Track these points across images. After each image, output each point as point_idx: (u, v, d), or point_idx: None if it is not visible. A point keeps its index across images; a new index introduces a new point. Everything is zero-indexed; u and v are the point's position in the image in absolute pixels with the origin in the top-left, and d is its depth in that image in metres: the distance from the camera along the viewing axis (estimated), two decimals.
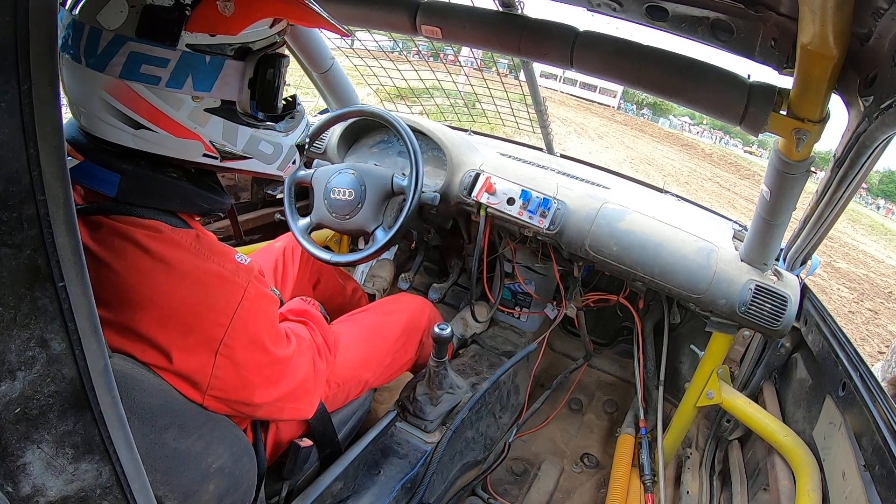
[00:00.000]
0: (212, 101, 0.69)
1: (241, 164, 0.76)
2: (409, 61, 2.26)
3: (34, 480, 0.45)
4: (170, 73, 0.64)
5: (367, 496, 1.11)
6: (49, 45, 0.38)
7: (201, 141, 0.70)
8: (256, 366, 0.77)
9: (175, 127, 0.67)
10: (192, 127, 0.68)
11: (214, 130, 0.70)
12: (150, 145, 0.68)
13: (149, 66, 0.63)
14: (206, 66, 0.66)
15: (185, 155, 0.70)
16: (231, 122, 0.71)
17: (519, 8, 1.13)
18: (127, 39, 0.62)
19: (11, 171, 0.38)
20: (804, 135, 0.88)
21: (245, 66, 0.70)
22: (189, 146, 0.70)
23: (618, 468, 1.50)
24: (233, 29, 0.67)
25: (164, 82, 0.64)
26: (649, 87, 1.00)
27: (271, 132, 0.77)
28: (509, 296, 1.97)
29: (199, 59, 0.66)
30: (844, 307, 6.40)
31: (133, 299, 0.66)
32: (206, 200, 0.76)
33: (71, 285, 0.43)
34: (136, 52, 0.62)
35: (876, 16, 0.68)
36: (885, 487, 0.85)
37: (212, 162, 0.73)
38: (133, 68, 0.63)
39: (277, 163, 0.80)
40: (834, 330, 1.18)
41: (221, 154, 0.73)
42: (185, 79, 0.65)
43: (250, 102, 0.72)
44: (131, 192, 0.68)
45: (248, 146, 0.75)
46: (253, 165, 0.78)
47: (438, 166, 1.67)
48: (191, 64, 0.65)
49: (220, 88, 0.68)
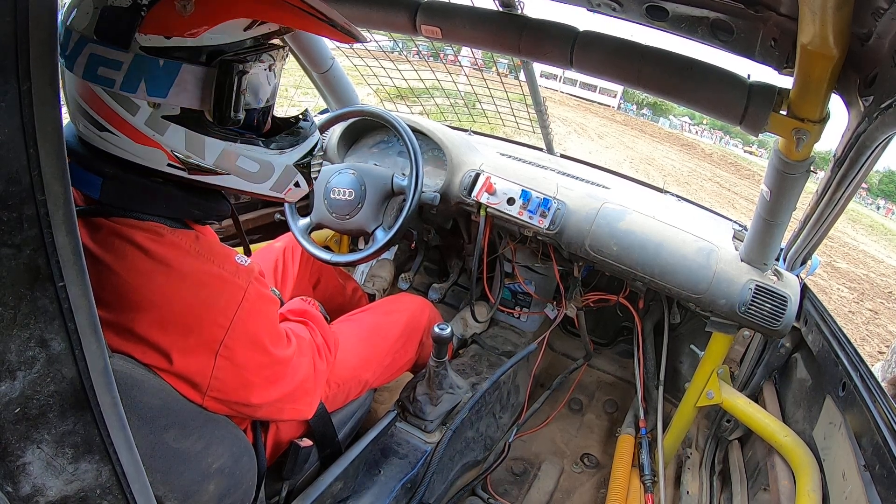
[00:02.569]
0: (170, 108, 0.65)
1: (216, 179, 0.71)
2: (409, 61, 2.25)
3: (34, 480, 0.45)
4: (123, 75, 0.61)
5: (367, 496, 1.11)
6: (49, 45, 0.38)
7: (162, 150, 0.66)
8: (256, 366, 0.77)
9: (133, 132, 0.64)
10: (150, 134, 0.65)
11: (175, 140, 0.66)
12: (115, 149, 0.66)
13: (105, 68, 0.61)
14: (160, 70, 0.62)
15: (149, 162, 0.67)
16: (195, 133, 0.67)
17: (519, 8, 1.13)
18: (88, 41, 0.61)
19: (11, 171, 0.38)
20: (804, 135, 0.88)
21: (207, 71, 0.65)
22: (151, 154, 0.66)
23: (618, 468, 1.50)
24: (192, 31, 0.63)
25: (119, 85, 0.62)
26: (649, 87, 1.00)
27: (253, 148, 0.72)
28: (509, 296, 1.97)
29: (153, 62, 0.62)
30: (844, 307, 6.41)
31: (133, 300, 0.66)
32: (198, 207, 0.73)
33: (71, 285, 0.43)
34: (94, 54, 0.61)
35: (876, 16, 0.68)
36: (885, 487, 0.85)
37: (179, 173, 0.69)
38: (92, 70, 0.61)
39: (269, 183, 0.75)
40: (834, 330, 1.18)
41: (187, 166, 0.68)
42: (138, 83, 0.62)
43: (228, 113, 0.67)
44: (114, 195, 0.67)
45: (220, 160, 0.70)
46: (234, 182, 0.73)
47: (438, 166, 1.67)
48: (143, 67, 0.62)
49: (176, 95, 0.64)
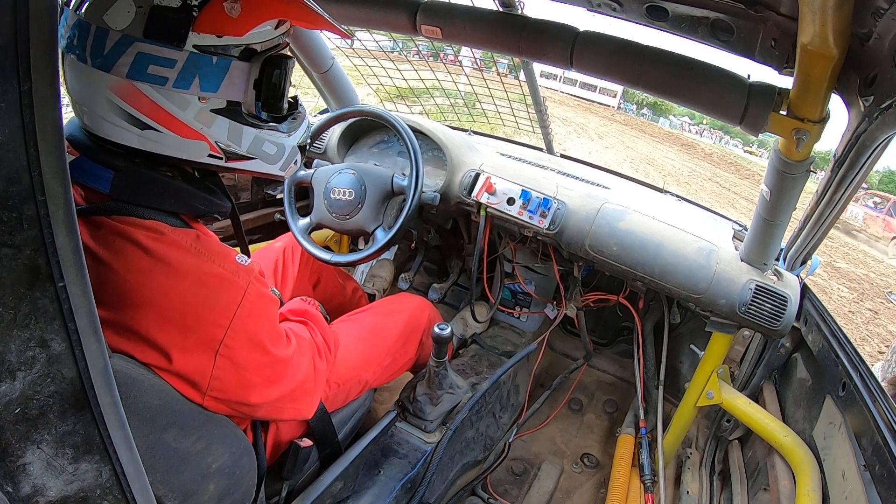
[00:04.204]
0: (218, 101, 0.69)
1: (244, 164, 0.76)
2: (409, 61, 2.26)
3: (34, 480, 0.45)
4: (177, 73, 0.64)
5: (367, 496, 1.11)
6: (49, 45, 0.38)
7: (207, 141, 0.70)
8: (256, 366, 0.77)
9: (181, 128, 0.68)
10: (198, 128, 0.69)
11: (220, 131, 0.71)
12: (155, 146, 0.68)
13: (156, 66, 0.63)
14: (213, 66, 0.67)
15: (190, 155, 0.70)
16: (236, 123, 0.72)
17: (519, 8, 1.13)
18: (134, 40, 0.62)
19: (11, 171, 0.38)
20: (804, 135, 0.88)
21: (251, 67, 0.70)
22: (194, 147, 0.70)
23: (618, 468, 1.50)
24: (239, 30, 0.68)
25: (172, 83, 0.65)
26: (649, 87, 1.00)
27: (275, 133, 0.77)
28: (509, 296, 1.97)
29: (206, 59, 0.66)
30: (844, 307, 6.39)
31: (133, 299, 0.66)
32: (203, 202, 0.75)
33: (71, 285, 0.43)
34: (143, 53, 0.63)
35: (876, 16, 0.68)
36: (885, 487, 0.85)
37: (216, 162, 0.73)
38: (140, 69, 0.63)
39: (280, 163, 0.81)
40: (834, 330, 1.18)
41: (226, 154, 0.73)
42: (192, 79, 0.66)
43: (255, 103, 0.73)
44: (124, 189, 0.68)
45: (252, 147, 0.75)
46: (256, 166, 0.78)
47: (438, 166, 1.67)
48: (198, 65, 0.66)
49: (226, 89, 0.69)
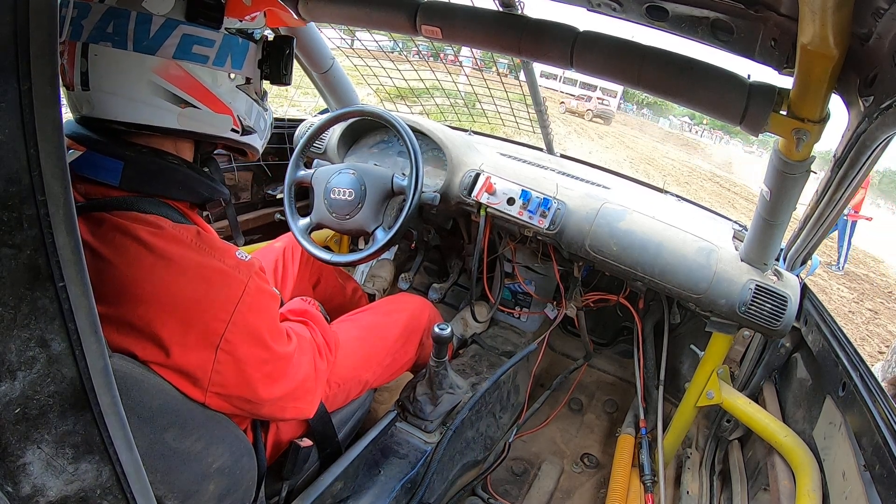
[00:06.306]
0: (240, 78, 0.78)
1: (251, 137, 0.84)
2: (409, 61, 2.26)
3: (34, 480, 0.45)
4: (215, 52, 0.73)
5: (367, 496, 1.11)
6: (49, 44, 0.38)
7: (232, 115, 0.78)
8: (257, 362, 0.78)
9: (216, 102, 0.75)
10: (227, 101, 0.77)
11: (241, 105, 0.79)
12: (192, 123, 0.74)
13: (199, 46, 0.71)
14: (239, 46, 0.76)
15: (218, 130, 0.78)
16: (249, 98, 0.80)
17: (519, 8, 1.13)
18: (179, 23, 0.69)
19: (11, 171, 0.38)
20: (804, 135, 0.87)
21: (258, 47, 0.80)
22: (222, 121, 0.77)
23: (618, 468, 1.50)
24: (253, 15, 0.78)
25: (211, 61, 0.72)
26: (649, 87, 0.99)
27: (262, 109, 0.85)
28: (509, 296, 1.97)
29: (235, 40, 0.75)
30: (844, 307, 6.39)
31: (134, 294, 0.67)
32: (206, 188, 0.80)
33: (71, 285, 0.43)
34: (187, 34, 0.70)
35: (876, 16, 0.68)
36: (885, 487, 0.85)
37: (234, 136, 0.80)
38: (186, 49, 0.70)
39: (265, 138, 0.89)
40: (834, 330, 1.18)
41: (243, 128, 0.81)
42: (226, 58, 0.74)
43: (260, 81, 0.82)
44: (134, 178, 0.71)
45: (254, 120, 0.83)
46: (253, 139, 0.85)
47: (438, 166, 1.67)
48: (230, 45, 0.74)
49: (247, 67, 0.78)
